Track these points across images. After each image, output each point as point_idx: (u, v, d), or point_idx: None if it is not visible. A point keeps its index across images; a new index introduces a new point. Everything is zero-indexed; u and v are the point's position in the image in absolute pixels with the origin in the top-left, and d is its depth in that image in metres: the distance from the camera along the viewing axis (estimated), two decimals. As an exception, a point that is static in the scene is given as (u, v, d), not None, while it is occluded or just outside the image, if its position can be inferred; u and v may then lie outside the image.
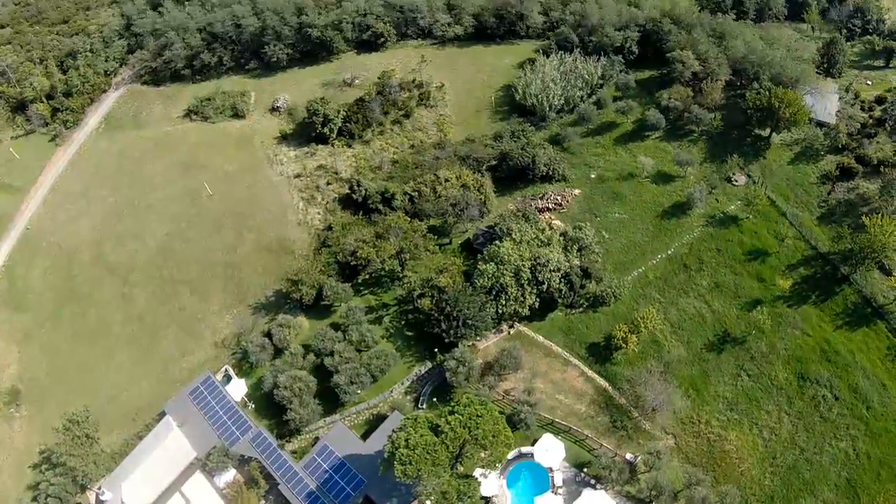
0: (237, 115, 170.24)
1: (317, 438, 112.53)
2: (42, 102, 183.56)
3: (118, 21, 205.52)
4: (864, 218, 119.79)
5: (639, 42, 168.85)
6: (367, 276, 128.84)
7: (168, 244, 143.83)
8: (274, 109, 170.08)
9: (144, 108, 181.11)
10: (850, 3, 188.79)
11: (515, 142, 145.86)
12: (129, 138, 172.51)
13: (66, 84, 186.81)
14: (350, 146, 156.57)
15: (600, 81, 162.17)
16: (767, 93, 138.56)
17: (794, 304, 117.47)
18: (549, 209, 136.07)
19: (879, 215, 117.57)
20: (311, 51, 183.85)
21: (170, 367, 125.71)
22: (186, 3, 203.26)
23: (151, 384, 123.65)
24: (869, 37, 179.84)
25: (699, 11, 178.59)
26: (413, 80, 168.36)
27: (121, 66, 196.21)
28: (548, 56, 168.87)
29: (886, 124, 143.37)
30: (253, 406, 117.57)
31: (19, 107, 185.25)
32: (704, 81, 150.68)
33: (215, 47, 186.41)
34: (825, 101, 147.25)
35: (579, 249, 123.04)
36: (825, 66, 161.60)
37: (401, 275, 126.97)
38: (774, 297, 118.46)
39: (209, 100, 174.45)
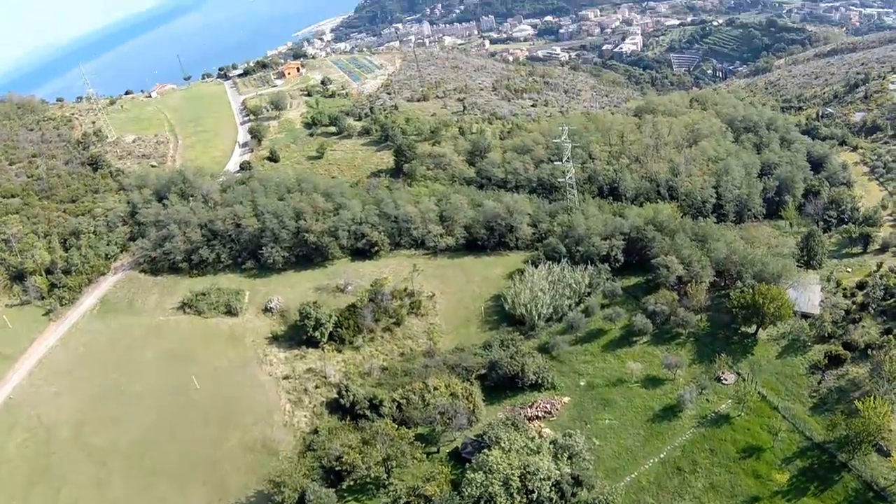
0: (230, 312, 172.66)
1: None
2: (41, 276, 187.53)
3: (123, 207, 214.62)
4: (856, 402, 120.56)
5: (624, 250, 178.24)
6: (351, 483, 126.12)
7: (151, 433, 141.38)
8: (267, 310, 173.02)
9: (140, 295, 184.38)
10: (824, 197, 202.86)
11: (504, 351, 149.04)
12: (122, 323, 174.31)
13: (66, 261, 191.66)
14: (340, 351, 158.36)
15: (588, 290, 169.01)
16: (751, 290, 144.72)
17: (793, 498, 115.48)
18: (538, 417, 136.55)
19: (872, 398, 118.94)
20: (307, 255, 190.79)
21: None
22: (190, 198, 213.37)
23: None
24: (845, 226, 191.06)
25: (681, 217, 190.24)
26: (405, 289, 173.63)
27: (121, 251, 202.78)
28: (536, 266, 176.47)
29: (870, 308, 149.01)
30: None
31: (18, 276, 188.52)
32: (689, 284, 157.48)
33: (214, 244, 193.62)
34: (808, 293, 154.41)
35: (570, 457, 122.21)
36: (805, 258, 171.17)
37: (387, 482, 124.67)
38: (772, 492, 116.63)
39: (204, 295, 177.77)
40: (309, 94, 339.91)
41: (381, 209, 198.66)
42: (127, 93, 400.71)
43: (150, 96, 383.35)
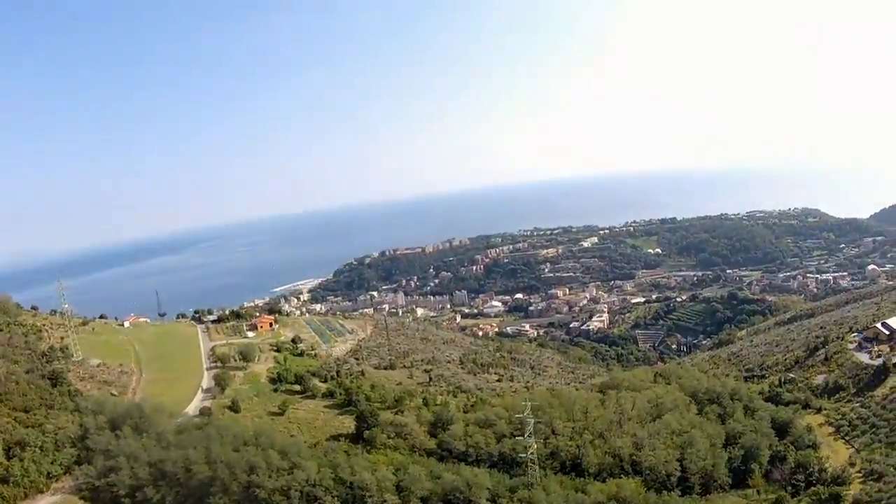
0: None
1: None
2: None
3: (75, 429, 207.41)
4: None
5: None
6: None
7: None
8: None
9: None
10: (790, 461, 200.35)
11: None
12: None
13: (6, 470, 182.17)
14: None
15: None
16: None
17: None
18: None
19: None
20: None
21: None
22: (144, 434, 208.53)
23: None
24: (814, 488, 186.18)
25: (645, 492, 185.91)
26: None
27: (65, 473, 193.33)
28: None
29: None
30: None
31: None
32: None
33: (161, 485, 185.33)
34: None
35: None
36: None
37: None
38: None
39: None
40: (278, 350, 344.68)
41: (337, 474, 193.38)
42: (101, 317, 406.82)
43: (122, 325, 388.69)
